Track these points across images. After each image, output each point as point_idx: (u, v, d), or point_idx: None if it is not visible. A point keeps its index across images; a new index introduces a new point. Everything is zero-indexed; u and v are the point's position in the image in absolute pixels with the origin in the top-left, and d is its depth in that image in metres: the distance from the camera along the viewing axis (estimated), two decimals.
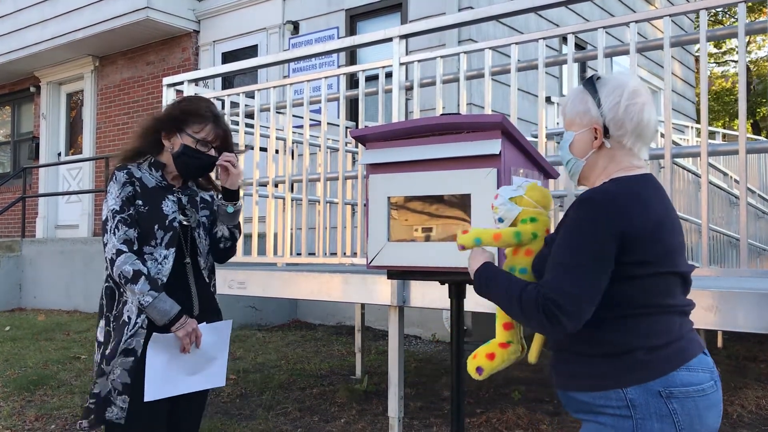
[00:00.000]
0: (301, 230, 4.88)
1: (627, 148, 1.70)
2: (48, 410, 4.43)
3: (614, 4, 9.28)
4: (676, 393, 1.57)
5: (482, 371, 1.82)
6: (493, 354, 1.82)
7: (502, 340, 1.83)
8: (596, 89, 1.70)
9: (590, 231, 1.57)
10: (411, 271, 2.20)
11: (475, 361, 1.84)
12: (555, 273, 1.59)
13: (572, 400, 1.68)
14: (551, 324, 1.55)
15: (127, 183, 2.31)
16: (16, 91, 12.16)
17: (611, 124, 1.68)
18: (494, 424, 4.17)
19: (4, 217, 11.48)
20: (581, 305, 1.54)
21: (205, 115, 2.37)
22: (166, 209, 2.35)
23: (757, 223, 7.35)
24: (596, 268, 1.56)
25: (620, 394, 1.58)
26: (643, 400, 1.56)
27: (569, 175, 1.82)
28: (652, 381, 1.57)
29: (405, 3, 7.68)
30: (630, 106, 1.66)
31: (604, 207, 1.58)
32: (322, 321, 7.94)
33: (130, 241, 2.26)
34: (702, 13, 3.05)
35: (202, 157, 2.37)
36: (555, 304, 1.54)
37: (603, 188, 1.64)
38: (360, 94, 4.27)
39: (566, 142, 1.77)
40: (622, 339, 1.59)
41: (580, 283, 1.55)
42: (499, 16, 3.75)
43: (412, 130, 2.14)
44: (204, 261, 2.45)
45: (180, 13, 9.40)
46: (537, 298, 1.56)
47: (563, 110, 1.78)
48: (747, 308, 2.59)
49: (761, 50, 20.83)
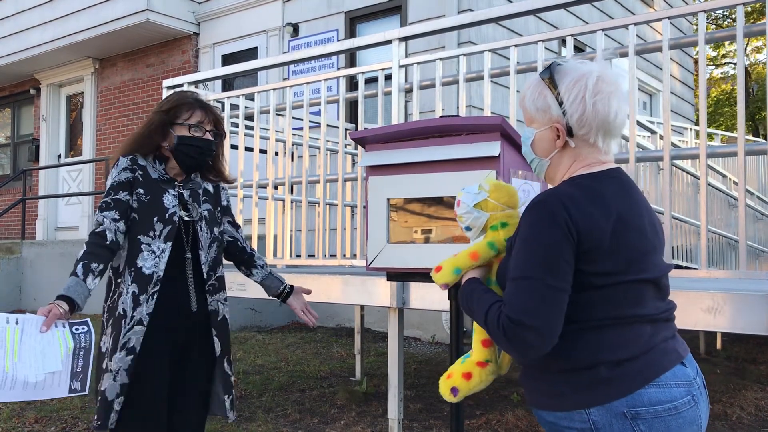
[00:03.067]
0: (301, 232, 4.89)
1: (592, 145, 1.53)
2: (48, 412, 4.43)
3: (613, 7, 9.30)
4: (643, 413, 1.41)
5: (457, 392, 1.66)
6: (470, 374, 1.66)
7: (480, 358, 1.67)
8: (555, 82, 1.52)
9: (542, 238, 1.41)
10: (410, 272, 2.20)
11: (450, 381, 1.67)
12: (512, 288, 1.43)
13: (540, 418, 1.54)
14: (518, 347, 1.41)
15: (128, 169, 2.32)
16: (17, 93, 12.16)
17: (574, 122, 1.50)
18: (494, 425, 4.17)
19: (4, 219, 11.49)
20: (548, 321, 1.39)
21: (190, 102, 2.40)
22: (167, 202, 2.34)
23: (755, 225, 7.36)
24: (555, 278, 1.39)
25: (583, 416, 1.43)
26: (606, 422, 1.41)
27: (535, 174, 1.66)
28: (616, 401, 1.41)
29: (404, 5, 7.69)
30: (595, 104, 1.48)
31: (555, 211, 1.42)
32: (321, 323, 7.94)
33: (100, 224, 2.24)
34: (701, 16, 3.06)
35: (200, 143, 2.37)
36: (517, 323, 1.39)
37: (556, 190, 1.49)
38: (359, 96, 4.27)
39: (527, 139, 1.60)
40: (583, 354, 1.44)
41: (543, 298, 1.39)
42: (499, 19, 3.76)
43: (411, 132, 2.15)
44: (205, 255, 2.41)
45: (180, 15, 9.41)
46: (499, 319, 1.42)
47: (521, 104, 1.61)
48: (746, 310, 2.59)
49: (760, 54, 20.85)
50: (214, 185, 2.53)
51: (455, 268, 1.66)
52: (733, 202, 6.67)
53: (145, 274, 2.27)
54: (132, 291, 2.26)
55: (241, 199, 4.65)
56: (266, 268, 2.67)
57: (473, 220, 1.68)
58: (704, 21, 3.06)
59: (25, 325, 2.08)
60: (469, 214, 1.69)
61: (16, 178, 11.05)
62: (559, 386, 1.47)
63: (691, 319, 2.65)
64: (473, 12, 5.15)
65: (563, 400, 1.46)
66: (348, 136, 3.31)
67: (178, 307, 2.35)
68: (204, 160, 2.42)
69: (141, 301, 2.26)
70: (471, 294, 1.58)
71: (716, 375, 5.38)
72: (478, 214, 1.68)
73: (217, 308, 2.44)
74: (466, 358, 1.71)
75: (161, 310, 2.29)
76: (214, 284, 2.44)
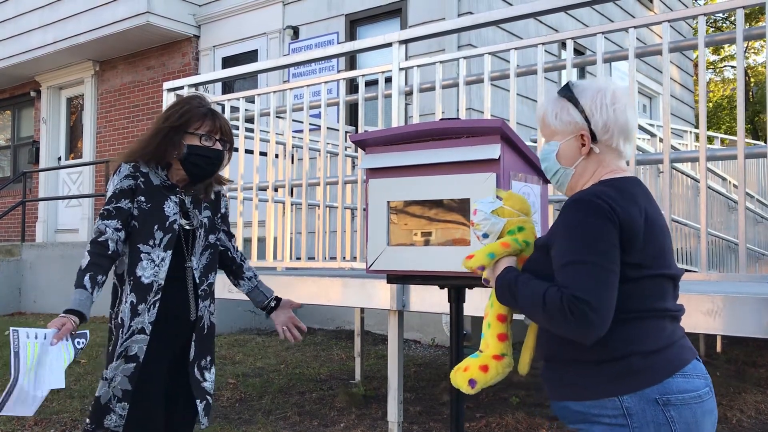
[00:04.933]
0: (301, 234, 4.89)
1: (614, 150, 1.69)
2: (47, 414, 4.43)
3: (613, 10, 9.31)
4: (673, 400, 1.53)
5: (475, 384, 1.70)
6: (487, 366, 1.70)
7: (495, 352, 1.72)
8: (576, 96, 1.69)
9: (591, 226, 1.54)
10: (410, 275, 2.20)
11: (467, 374, 1.71)
12: (569, 272, 1.53)
13: (566, 409, 1.64)
14: (581, 324, 1.48)
15: (130, 176, 2.30)
16: (17, 95, 12.17)
17: (598, 129, 1.67)
18: (493, 428, 4.17)
19: (4, 221, 11.48)
20: (607, 302, 1.49)
21: (201, 112, 2.37)
22: (168, 210, 2.33)
23: (755, 228, 7.36)
24: (610, 262, 1.51)
25: (616, 403, 1.54)
26: (639, 408, 1.53)
27: (556, 186, 1.79)
28: (648, 388, 1.53)
29: (404, 8, 7.70)
30: (615, 111, 1.66)
31: (599, 204, 1.55)
32: (321, 325, 7.94)
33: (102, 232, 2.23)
34: (701, 19, 3.06)
35: (210, 153, 2.36)
36: (582, 301, 1.47)
37: (592, 190, 1.62)
38: (360, 99, 4.28)
39: (551, 152, 1.74)
40: (617, 345, 1.55)
41: (600, 280, 1.50)
42: (499, 22, 3.76)
43: (411, 135, 2.15)
44: (197, 261, 2.41)
45: (180, 17, 9.42)
46: (561, 298, 1.49)
47: (543, 121, 1.75)
48: (746, 313, 2.59)
49: (759, 55, 20.86)
50: (215, 191, 2.52)
51: (489, 253, 1.71)
52: (733, 205, 6.67)
53: (143, 284, 2.27)
54: (130, 300, 2.27)
55: (241, 202, 4.65)
56: (254, 280, 2.65)
57: (491, 226, 1.75)
58: (704, 24, 3.07)
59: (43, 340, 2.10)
60: (486, 221, 1.75)
61: (16, 180, 11.05)
62: (591, 376, 1.57)
63: (691, 322, 2.65)
64: (473, 15, 5.16)
65: (596, 388, 1.56)
66: (348, 139, 3.31)
67: (178, 316, 2.35)
68: (213, 171, 2.41)
69: (140, 311, 2.26)
70: (515, 280, 1.64)
71: (716, 378, 5.37)
72: (495, 220, 1.75)
73: (203, 314, 2.42)
74: (474, 357, 1.75)
75: (162, 318, 2.30)
76: (205, 290, 2.43)
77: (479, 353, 1.75)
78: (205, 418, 2.39)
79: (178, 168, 2.38)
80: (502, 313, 1.74)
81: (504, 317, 1.74)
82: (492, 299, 1.76)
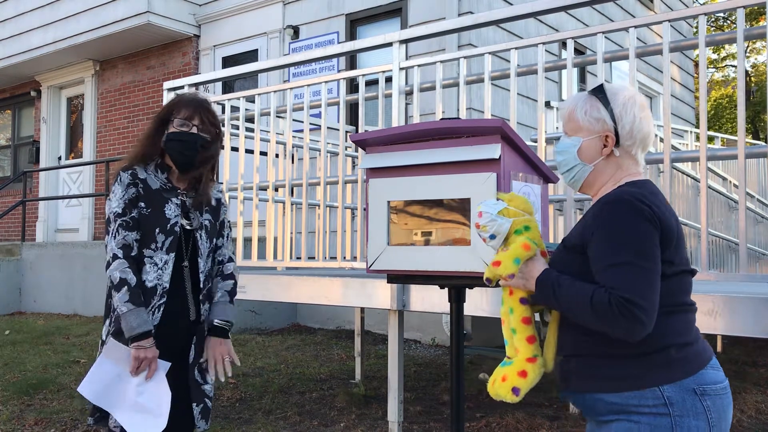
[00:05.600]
0: (301, 234, 4.88)
1: (632, 157, 1.75)
2: (47, 414, 4.43)
3: (614, 10, 9.31)
4: (708, 390, 1.60)
5: (519, 391, 1.68)
6: (525, 371, 1.69)
7: (528, 354, 1.71)
8: (608, 99, 1.74)
9: (633, 228, 1.58)
10: (411, 275, 2.20)
11: (507, 384, 1.69)
12: (615, 273, 1.57)
13: (598, 402, 1.66)
14: (631, 324, 1.53)
15: (131, 184, 2.31)
16: (17, 95, 12.17)
17: (624, 133, 1.72)
18: (494, 428, 4.17)
19: (4, 221, 11.49)
20: (654, 302, 1.55)
21: (184, 101, 2.41)
22: (169, 213, 2.34)
23: (756, 228, 7.36)
24: (653, 262, 1.57)
25: (656, 393, 1.59)
26: (679, 398, 1.58)
27: (569, 182, 1.82)
28: (686, 378, 1.59)
29: (405, 8, 7.70)
30: (641, 120, 1.73)
31: (637, 205, 1.60)
32: (321, 325, 7.94)
33: (128, 245, 2.26)
34: (701, 19, 3.06)
35: (185, 137, 2.35)
36: (632, 303, 1.52)
37: (628, 191, 1.66)
38: (360, 99, 4.28)
39: (572, 146, 1.78)
40: (656, 338, 1.59)
41: (647, 281, 1.55)
42: (499, 21, 3.76)
43: (412, 135, 2.15)
44: (203, 264, 2.42)
45: (180, 17, 9.42)
46: (610, 299, 1.54)
47: (570, 115, 1.79)
48: (746, 313, 2.59)
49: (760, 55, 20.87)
50: (216, 199, 2.52)
51: (515, 259, 1.70)
52: (734, 204, 6.67)
53: (147, 288, 2.27)
54: None
55: (242, 201, 4.65)
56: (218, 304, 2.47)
57: (498, 227, 1.75)
58: (704, 24, 3.07)
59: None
60: (493, 222, 1.75)
61: (17, 180, 11.05)
62: (630, 368, 1.61)
63: None
64: (474, 15, 5.16)
65: (636, 380, 1.60)
66: (348, 139, 3.31)
67: (177, 316, 2.35)
68: (192, 155, 2.37)
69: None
70: (557, 282, 1.65)
71: None
72: (502, 220, 1.75)
73: (204, 316, 2.44)
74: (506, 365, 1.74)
75: (164, 319, 2.30)
76: (206, 294, 2.45)
77: (508, 360, 1.74)
78: (202, 422, 2.38)
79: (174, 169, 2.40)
80: (526, 315, 1.74)
81: (529, 319, 1.74)
82: (510, 304, 1.75)
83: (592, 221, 1.66)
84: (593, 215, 1.67)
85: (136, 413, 2.25)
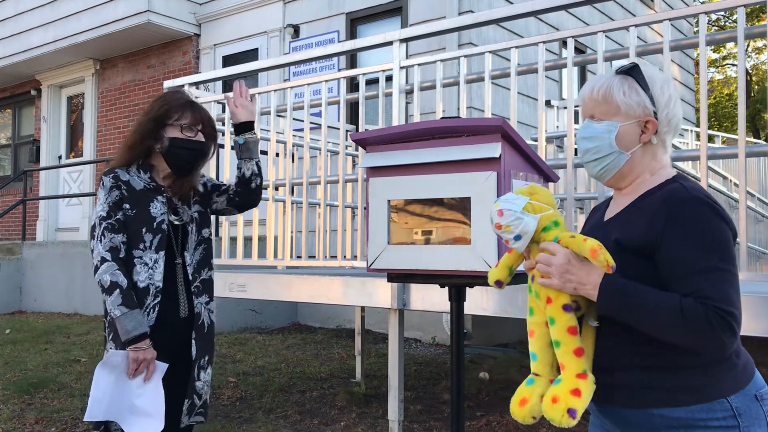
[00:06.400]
0: (302, 233, 4.88)
1: (665, 145, 1.62)
2: (48, 413, 4.43)
3: (614, 8, 9.30)
4: (764, 394, 1.52)
5: (575, 413, 1.45)
6: (578, 390, 1.46)
7: (578, 370, 1.49)
8: (646, 81, 1.58)
9: (720, 232, 1.46)
10: (411, 274, 2.20)
11: (560, 405, 1.46)
12: (710, 281, 1.42)
13: (654, 417, 1.50)
14: (728, 338, 1.41)
15: (114, 187, 2.29)
16: (17, 94, 12.17)
17: (662, 120, 1.58)
18: (494, 427, 4.17)
19: (4, 220, 11.49)
20: (740, 309, 1.44)
21: (180, 103, 2.37)
22: (155, 211, 2.32)
23: (756, 227, 7.36)
24: (736, 271, 1.46)
25: (725, 404, 1.47)
26: (746, 407, 1.48)
27: (598, 172, 1.63)
28: (747, 386, 1.50)
29: (405, 7, 7.70)
30: (676, 104, 1.60)
31: (716, 207, 1.48)
32: (322, 324, 7.94)
33: (116, 248, 2.24)
34: (702, 18, 3.06)
35: (194, 145, 2.35)
36: (730, 315, 1.40)
37: (694, 187, 1.53)
38: (360, 98, 4.28)
39: (608, 132, 1.58)
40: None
41: (736, 290, 1.44)
42: (499, 20, 3.76)
43: (412, 134, 2.15)
44: (190, 257, 2.40)
45: (181, 16, 9.42)
46: (706, 311, 1.39)
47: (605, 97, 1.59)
48: (747, 312, 2.57)
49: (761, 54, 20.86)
50: (201, 185, 2.50)
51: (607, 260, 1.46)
52: (734, 203, 6.66)
53: (140, 288, 2.26)
54: None
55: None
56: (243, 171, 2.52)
57: (524, 225, 1.50)
58: (705, 23, 3.06)
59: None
60: (519, 221, 1.50)
61: (17, 179, 11.05)
62: (697, 379, 1.48)
63: None
64: (474, 13, 5.16)
65: (705, 391, 1.47)
66: (349, 138, 3.31)
67: (169, 313, 2.34)
68: (197, 163, 2.39)
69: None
70: (631, 289, 1.46)
71: None
72: (528, 218, 1.51)
73: (200, 311, 2.41)
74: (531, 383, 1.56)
75: (159, 318, 2.30)
76: (198, 286, 2.42)
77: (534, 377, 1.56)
78: (186, 417, 2.36)
79: (163, 168, 2.37)
80: (572, 324, 1.51)
81: (575, 329, 1.51)
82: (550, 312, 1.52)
83: (666, 218, 1.48)
84: (667, 211, 1.48)
85: (135, 416, 2.24)
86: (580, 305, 1.53)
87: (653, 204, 1.52)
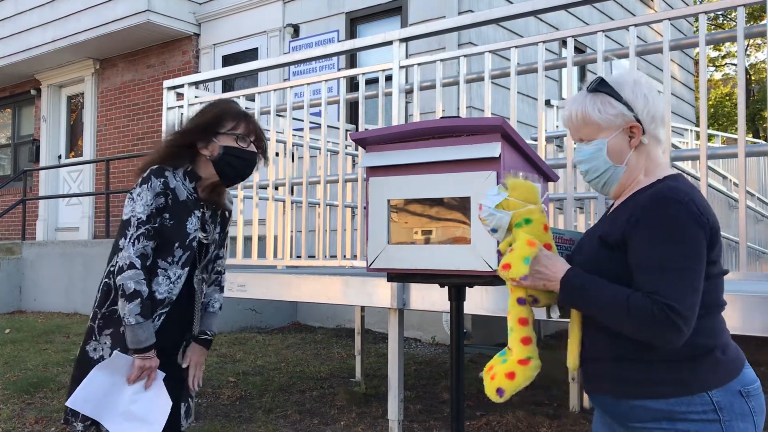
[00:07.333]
0: (301, 233, 4.89)
1: (657, 139, 1.67)
2: (48, 413, 4.43)
3: (614, 8, 9.30)
4: (751, 390, 1.56)
5: (503, 392, 1.64)
6: (513, 373, 1.64)
7: (521, 356, 1.66)
8: (615, 90, 1.64)
9: (687, 233, 1.50)
10: (411, 273, 2.20)
11: (494, 383, 1.66)
12: (664, 277, 1.48)
13: (636, 408, 1.56)
14: (670, 332, 1.46)
15: (161, 194, 2.23)
16: (17, 93, 12.17)
17: (645, 119, 1.63)
18: (494, 427, 4.17)
19: (4, 220, 11.49)
20: (695, 309, 1.48)
21: (237, 113, 2.35)
22: (190, 227, 2.30)
23: (756, 226, 7.36)
24: (699, 270, 1.50)
25: (705, 398, 1.52)
26: (728, 402, 1.52)
27: (601, 188, 1.71)
28: (732, 381, 1.54)
29: (405, 6, 7.69)
30: (653, 99, 1.64)
31: (692, 209, 1.51)
32: (321, 324, 7.94)
33: (146, 255, 2.21)
34: (701, 17, 3.06)
35: (247, 155, 2.33)
36: (674, 311, 1.45)
37: (673, 186, 1.57)
38: (360, 97, 4.28)
39: (599, 151, 1.66)
40: (702, 340, 1.53)
41: (692, 288, 1.48)
42: (499, 20, 3.76)
43: (412, 133, 2.15)
44: (200, 271, 2.41)
45: (180, 16, 9.42)
46: (651, 306, 1.46)
47: (584, 119, 1.66)
48: (746, 311, 2.59)
49: (761, 52, 20.85)
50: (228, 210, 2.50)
51: (523, 258, 1.63)
52: (734, 203, 6.66)
53: (156, 299, 2.25)
54: None
55: (242, 200, 4.65)
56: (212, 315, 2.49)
57: (497, 221, 1.69)
58: (705, 22, 3.06)
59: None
60: (492, 216, 1.69)
61: (17, 179, 11.05)
62: (677, 372, 1.53)
63: None
64: (474, 13, 5.16)
65: (686, 385, 1.53)
66: (348, 137, 3.31)
67: (181, 327, 2.36)
68: (247, 173, 2.38)
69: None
70: (587, 282, 1.57)
71: None
72: (500, 214, 1.68)
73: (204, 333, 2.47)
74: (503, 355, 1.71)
75: (166, 328, 2.28)
76: (204, 302, 2.47)
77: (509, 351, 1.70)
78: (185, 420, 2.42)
79: (207, 176, 2.34)
80: (523, 316, 1.68)
81: (526, 321, 1.68)
82: (508, 302, 1.70)
83: (639, 216, 1.55)
84: (641, 209, 1.55)
85: (127, 421, 2.23)
86: (538, 299, 1.70)
87: (638, 202, 1.59)
